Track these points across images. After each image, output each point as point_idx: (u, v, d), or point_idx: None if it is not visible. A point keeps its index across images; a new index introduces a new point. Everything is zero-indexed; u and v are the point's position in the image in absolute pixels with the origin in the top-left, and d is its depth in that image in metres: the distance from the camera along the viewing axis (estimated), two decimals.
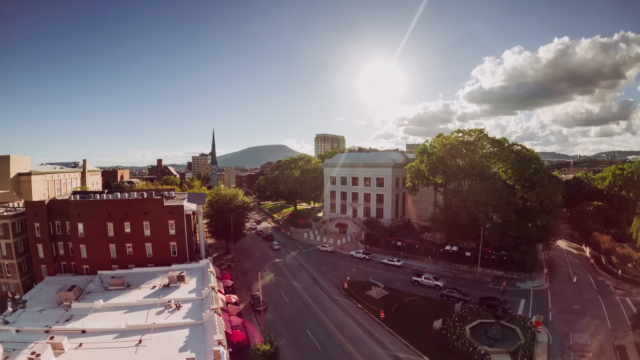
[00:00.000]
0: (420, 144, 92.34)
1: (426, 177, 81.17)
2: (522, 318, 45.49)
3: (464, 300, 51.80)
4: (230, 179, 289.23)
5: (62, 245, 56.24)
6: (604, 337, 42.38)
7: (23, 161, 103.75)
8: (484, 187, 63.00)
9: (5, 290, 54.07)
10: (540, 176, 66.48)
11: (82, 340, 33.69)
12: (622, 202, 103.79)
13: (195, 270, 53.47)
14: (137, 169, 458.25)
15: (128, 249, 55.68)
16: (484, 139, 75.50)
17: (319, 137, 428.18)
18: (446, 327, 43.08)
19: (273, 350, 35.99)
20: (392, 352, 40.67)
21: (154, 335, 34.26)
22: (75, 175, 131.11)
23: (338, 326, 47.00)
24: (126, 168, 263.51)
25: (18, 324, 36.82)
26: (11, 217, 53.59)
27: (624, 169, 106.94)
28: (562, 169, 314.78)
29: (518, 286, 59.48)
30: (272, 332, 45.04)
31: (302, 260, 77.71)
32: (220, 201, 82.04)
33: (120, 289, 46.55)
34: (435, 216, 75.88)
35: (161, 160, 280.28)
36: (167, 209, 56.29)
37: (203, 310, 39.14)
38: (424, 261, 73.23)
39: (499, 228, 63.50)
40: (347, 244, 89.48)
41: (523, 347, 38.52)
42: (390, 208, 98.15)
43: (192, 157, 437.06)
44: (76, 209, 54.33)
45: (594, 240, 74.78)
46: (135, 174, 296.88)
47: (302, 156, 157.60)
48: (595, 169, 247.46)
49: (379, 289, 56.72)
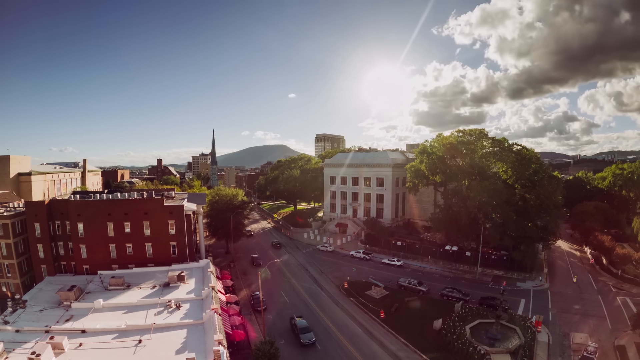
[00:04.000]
0: (420, 144, 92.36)
1: (426, 176, 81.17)
2: (522, 318, 45.44)
3: (464, 300, 51.77)
4: (230, 179, 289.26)
5: (62, 245, 56.23)
6: (604, 337, 42.41)
7: (23, 161, 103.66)
8: (484, 187, 62.98)
9: (6, 290, 54.08)
10: (540, 176, 66.52)
11: (82, 340, 33.64)
12: (622, 202, 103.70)
13: (195, 270, 53.44)
14: (137, 169, 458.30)
15: (128, 249, 55.66)
16: (484, 139, 75.52)
17: (319, 137, 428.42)
18: (446, 327, 43.05)
19: (273, 350, 36.06)
20: (392, 352, 40.67)
21: (154, 335, 34.23)
22: (75, 175, 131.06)
23: (338, 326, 47.00)
24: (126, 168, 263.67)
25: (18, 324, 36.78)
26: (11, 217, 53.59)
27: (624, 169, 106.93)
28: (562, 169, 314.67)
29: (518, 286, 59.48)
30: (272, 332, 45.12)
31: (302, 260, 77.70)
32: (220, 201, 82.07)
33: (120, 289, 46.51)
34: (435, 216, 75.84)
35: (161, 160, 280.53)
36: (167, 209, 56.28)
37: (203, 310, 39.11)
38: (424, 261, 73.21)
39: (499, 228, 63.49)
40: (347, 244, 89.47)
41: (523, 347, 38.54)
42: (390, 208, 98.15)
43: (192, 157, 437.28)
44: (76, 209, 54.30)
45: (594, 240, 74.79)
46: (135, 174, 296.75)
47: (302, 156, 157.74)
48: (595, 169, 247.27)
49: (379, 289, 56.72)
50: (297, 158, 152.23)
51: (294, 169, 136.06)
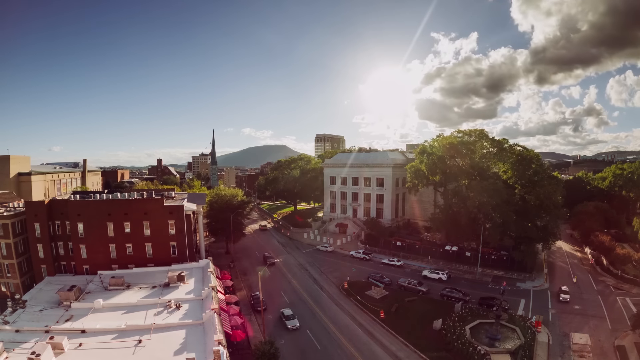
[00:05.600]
0: (420, 144, 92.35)
1: (426, 177, 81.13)
2: (522, 318, 45.48)
3: (464, 300, 51.76)
4: (230, 179, 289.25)
5: (62, 245, 56.21)
6: (604, 337, 42.41)
7: (23, 161, 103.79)
8: (484, 187, 62.99)
9: (5, 290, 54.06)
10: (540, 176, 66.49)
11: (82, 340, 33.62)
12: (622, 202, 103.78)
13: (195, 270, 53.42)
14: (137, 169, 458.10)
15: (128, 249, 55.64)
16: (484, 139, 75.51)
17: (319, 137, 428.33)
18: (446, 327, 43.06)
19: (273, 351, 36.06)
20: (392, 352, 40.67)
21: (153, 336, 34.22)
22: (75, 176, 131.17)
23: (338, 326, 47.00)
24: (126, 168, 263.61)
25: (18, 324, 36.79)
26: (11, 217, 53.58)
27: (624, 169, 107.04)
28: (562, 169, 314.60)
29: (518, 286, 59.46)
30: (272, 332, 45.12)
31: (302, 260, 77.67)
32: (220, 201, 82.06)
33: (120, 289, 46.50)
34: (435, 216, 75.87)
35: (161, 160, 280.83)
36: (167, 209, 56.27)
37: (203, 310, 39.09)
38: (424, 261, 73.16)
39: (499, 228, 63.49)
40: (347, 244, 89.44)
41: (523, 347, 38.52)
42: (390, 208, 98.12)
43: (192, 157, 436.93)
44: (76, 209, 54.28)
45: (594, 241, 74.77)
46: (135, 174, 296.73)
47: (302, 156, 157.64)
48: (595, 169, 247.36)
49: (379, 289, 56.70)
50: (297, 158, 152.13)
51: (294, 169, 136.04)
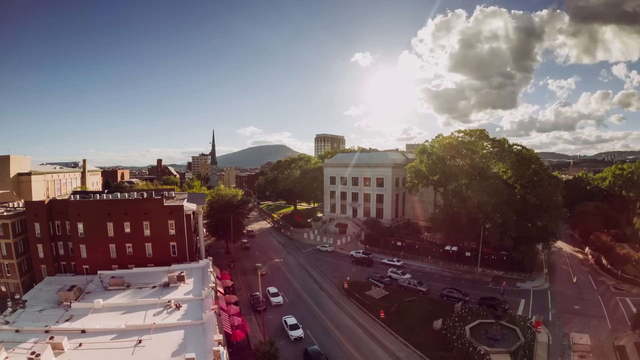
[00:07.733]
0: (420, 144, 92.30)
1: (426, 177, 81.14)
2: (522, 318, 45.49)
3: (463, 300, 51.77)
4: (230, 179, 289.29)
5: (62, 245, 56.14)
6: (604, 337, 42.40)
7: (23, 161, 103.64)
8: (484, 187, 62.98)
9: (5, 290, 54.06)
10: (540, 176, 66.48)
11: (81, 340, 33.60)
12: (622, 202, 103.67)
13: (195, 270, 53.40)
14: (137, 169, 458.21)
15: (128, 249, 55.61)
16: (484, 139, 75.53)
17: (319, 137, 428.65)
18: (446, 327, 43.08)
19: (273, 351, 36.07)
20: (392, 352, 40.68)
21: (153, 336, 34.20)
22: (75, 175, 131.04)
23: (338, 326, 47.00)
24: (126, 168, 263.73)
25: (18, 324, 36.75)
26: (11, 217, 53.55)
27: (624, 169, 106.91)
28: (562, 169, 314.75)
29: (518, 286, 59.47)
30: (271, 332, 45.13)
31: (302, 260, 77.68)
32: (220, 201, 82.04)
33: (120, 289, 46.48)
34: (435, 216, 75.82)
35: (161, 160, 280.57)
36: (167, 209, 56.23)
37: (203, 310, 39.07)
38: (423, 261, 73.18)
39: (499, 228, 63.46)
40: (347, 244, 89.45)
41: (523, 347, 38.50)
42: (390, 208, 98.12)
43: (192, 157, 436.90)
44: (76, 209, 54.26)
45: (594, 241, 74.73)
46: (135, 174, 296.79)
47: (302, 156, 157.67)
48: (595, 169, 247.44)
49: (379, 289, 56.72)
50: (297, 158, 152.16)
51: (294, 169, 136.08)
